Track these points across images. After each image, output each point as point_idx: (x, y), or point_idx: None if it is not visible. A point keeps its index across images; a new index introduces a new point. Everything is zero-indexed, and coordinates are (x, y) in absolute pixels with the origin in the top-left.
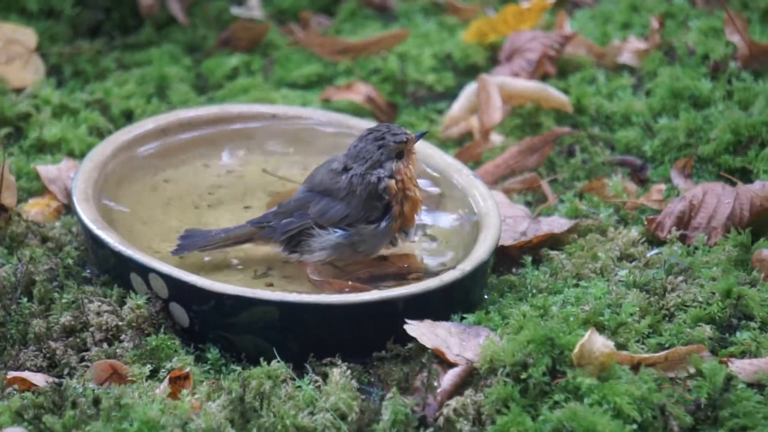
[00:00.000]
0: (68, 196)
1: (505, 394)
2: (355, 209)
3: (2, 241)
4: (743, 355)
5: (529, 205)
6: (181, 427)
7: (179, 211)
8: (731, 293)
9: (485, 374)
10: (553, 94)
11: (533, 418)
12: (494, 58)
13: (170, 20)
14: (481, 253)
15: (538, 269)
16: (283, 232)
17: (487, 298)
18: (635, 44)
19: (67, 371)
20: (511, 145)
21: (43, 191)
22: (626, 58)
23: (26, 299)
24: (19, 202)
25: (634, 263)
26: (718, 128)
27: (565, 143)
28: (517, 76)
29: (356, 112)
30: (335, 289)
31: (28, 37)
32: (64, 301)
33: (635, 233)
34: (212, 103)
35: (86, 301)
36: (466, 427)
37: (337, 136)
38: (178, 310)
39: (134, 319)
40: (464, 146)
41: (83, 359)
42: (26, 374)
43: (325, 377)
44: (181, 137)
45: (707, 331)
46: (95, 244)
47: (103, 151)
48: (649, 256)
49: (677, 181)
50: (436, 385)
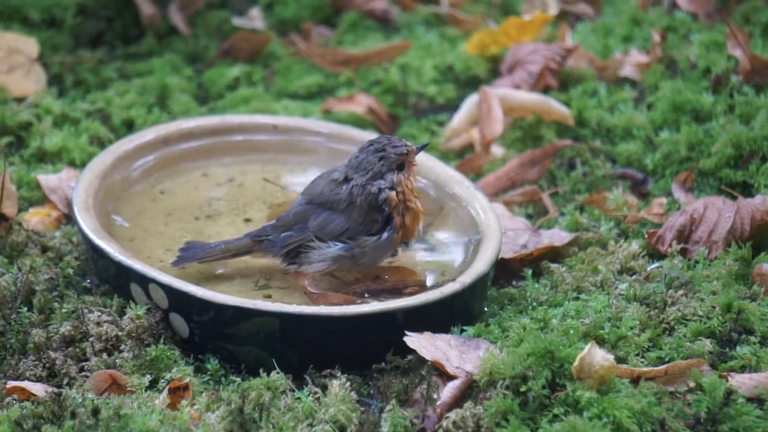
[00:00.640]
0: (69, 205)
1: (504, 406)
2: (355, 222)
3: (2, 250)
4: (743, 369)
5: (529, 217)
6: None
7: (179, 221)
8: (731, 307)
9: (485, 387)
10: (554, 106)
11: (533, 431)
12: (496, 70)
13: (171, 30)
14: (481, 265)
15: (538, 282)
16: (282, 246)
17: (487, 310)
18: (637, 57)
19: (66, 381)
20: (512, 157)
21: (43, 200)
22: (628, 71)
23: (26, 309)
24: (19, 211)
25: (634, 277)
26: (719, 142)
27: (566, 156)
28: (518, 88)
29: (357, 123)
30: (331, 302)
31: (29, 46)
32: (64, 310)
33: (636, 247)
34: (213, 113)
35: (86, 311)
36: None
37: (337, 147)
38: (178, 320)
39: (134, 329)
40: (465, 158)
41: (83, 369)
42: (26, 384)
43: (324, 389)
44: (181, 147)
45: (707, 345)
46: (95, 253)
47: (103, 160)
48: (649, 269)
49: (678, 194)
50: (435, 397)
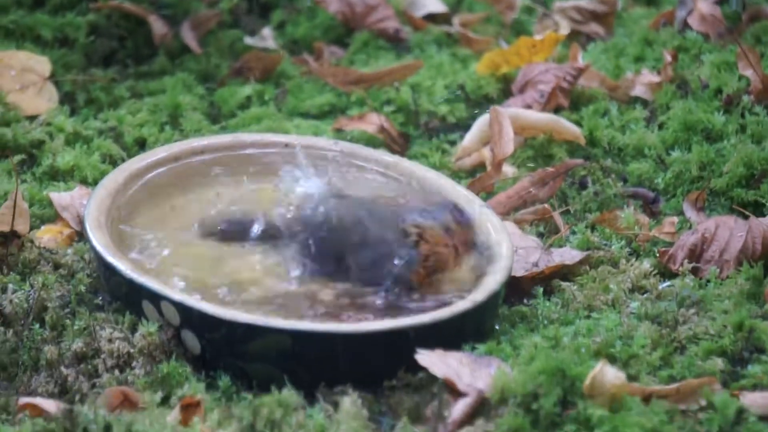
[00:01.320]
0: (81, 223)
1: (515, 424)
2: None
3: (15, 267)
4: (755, 388)
5: (540, 236)
6: None
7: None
8: (743, 326)
9: (496, 404)
10: (565, 125)
11: None
12: (507, 89)
13: (184, 49)
14: (492, 283)
15: (549, 300)
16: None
17: (498, 328)
18: (648, 77)
19: (78, 397)
20: (523, 176)
21: (55, 218)
22: (639, 91)
23: (38, 325)
24: (31, 228)
25: (645, 295)
26: (730, 162)
27: (577, 175)
28: (529, 107)
29: (369, 142)
30: (345, 319)
31: (41, 65)
32: (75, 327)
33: (647, 265)
34: (225, 131)
35: (98, 327)
36: None
37: (348, 166)
38: (189, 337)
39: (146, 346)
40: (476, 177)
41: (95, 386)
42: (38, 400)
43: (336, 406)
44: (193, 165)
45: (719, 363)
46: (107, 271)
47: (115, 178)
48: (661, 288)
49: (689, 213)
50: (446, 414)
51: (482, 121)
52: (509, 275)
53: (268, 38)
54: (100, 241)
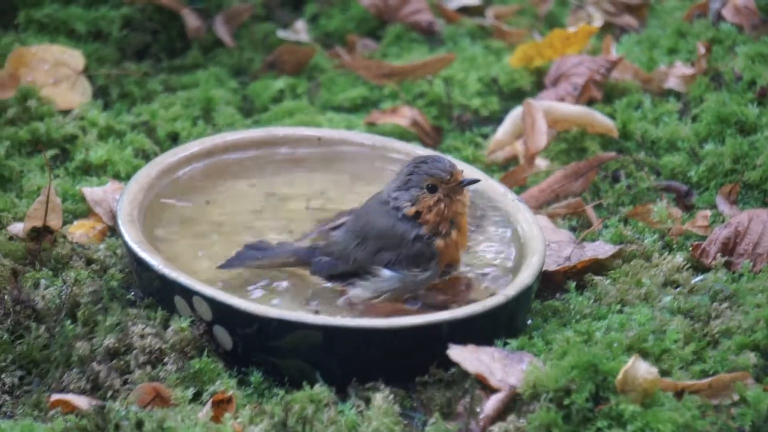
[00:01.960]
0: (113, 218)
1: (548, 419)
2: (405, 257)
3: (47, 262)
4: None
5: (573, 230)
6: None
7: (225, 234)
8: None
9: (528, 400)
10: (598, 118)
11: None
12: (540, 82)
13: (217, 43)
14: (525, 278)
15: (582, 295)
16: (328, 274)
17: (530, 323)
18: (681, 70)
19: (110, 394)
20: (556, 169)
21: (88, 213)
22: (672, 83)
23: (70, 321)
24: (64, 223)
25: (678, 289)
26: (764, 154)
27: (610, 168)
28: (562, 100)
29: (402, 136)
30: (377, 312)
31: (75, 59)
32: (108, 323)
33: (680, 259)
34: (258, 125)
35: (130, 323)
36: None
37: (382, 160)
38: (221, 333)
39: (178, 342)
40: (509, 171)
41: (126, 382)
42: (70, 397)
43: (367, 402)
44: (226, 159)
45: (752, 358)
46: (140, 266)
47: (148, 173)
48: (693, 282)
49: (723, 207)
50: (478, 410)
51: (515, 114)
52: (542, 270)
53: (301, 31)
54: (132, 236)
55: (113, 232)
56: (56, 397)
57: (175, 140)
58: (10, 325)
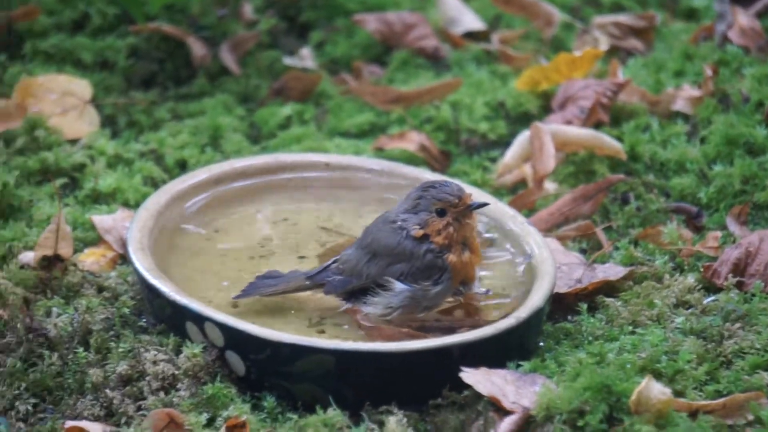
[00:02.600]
0: (124, 245)
1: None
2: (417, 269)
3: (59, 291)
4: None
5: (583, 252)
6: None
7: (234, 260)
8: None
9: (542, 422)
10: (606, 141)
11: None
12: (547, 106)
13: (223, 71)
14: (536, 300)
15: (593, 316)
16: (342, 291)
17: (542, 345)
18: (689, 92)
19: (124, 420)
20: (564, 192)
21: (98, 241)
22: (680, 105)
23: (83, 349)
24: (74, 252)
25: (690, 310)
26: None
27: (619, 190)
28: (570, 123)
29: (409, 160)
30: (387, 336)
31: (82, 88)
32: (120, 350)
33: (691, 280)
34: (265, 152)
35: (142, 350)
36: None
37: (390, 184)
38: (234, 358)
39: (190, 367)
40: (518, 194)
41: (140, 408)
42: (84, 423)
43: (381, 425)
44: (234, 186)
45: (765, 377)
46: (151, 293)
47: (157, 200)
48: (705, 303)
49: (733, 228)
50: None
51: (523, 137)
52: (553, 292)
53: (306, 58)
54: (143, 263)
55: (124, 259)
56: (70, 424)
57: (183, 168)
58: (23, 353)
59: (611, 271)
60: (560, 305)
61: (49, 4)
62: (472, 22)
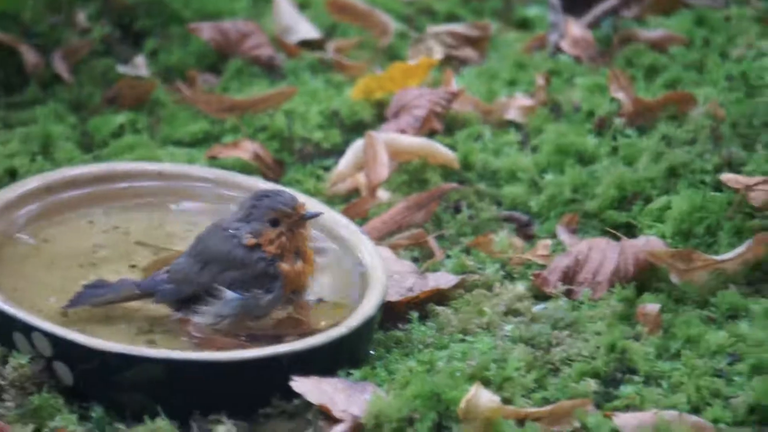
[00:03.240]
0: None
1: None
2: (249, 277)
3: None
4: (627, 408)
5: (416, 260)
6: None
7: (63, 269)
8: (615, 347)
9: (371, 430)
10: (439, 150)
11: None
12: (381, 115)
13: (55, 78)
14: (367, 309)
15: (424, 325)
16: (173, 299)
17: (373, 353)
18: (521, 101)
19: None
20: (398, 201)
21: None
22: (512, 114)
23: None
24: None
25: (519, 318)
26: (603, 184)
27: (451, 199)
28: (404, 132)
29: (243, 169)
30: (218, 346)
31: None
32: None
33: (521, 288)
34: (98, 161)
35: None
36: None
37: (222, 193)
38: (62, 368)
39: (17, 378)
40: (351, 203)
41: None
42: None
43: None
44: (66, 195)
45: (592, 385)
46: None
47: None
48: (534, 311)
49: (563, 236)
50: None
51: (357, 146)
52: (384, 300)
53: (141, 66)
54: None
55: None
56: None
57: (13, 176)
58: None
59: (442, 279)
60: (391, 313)
61: None
62: (307, 30)
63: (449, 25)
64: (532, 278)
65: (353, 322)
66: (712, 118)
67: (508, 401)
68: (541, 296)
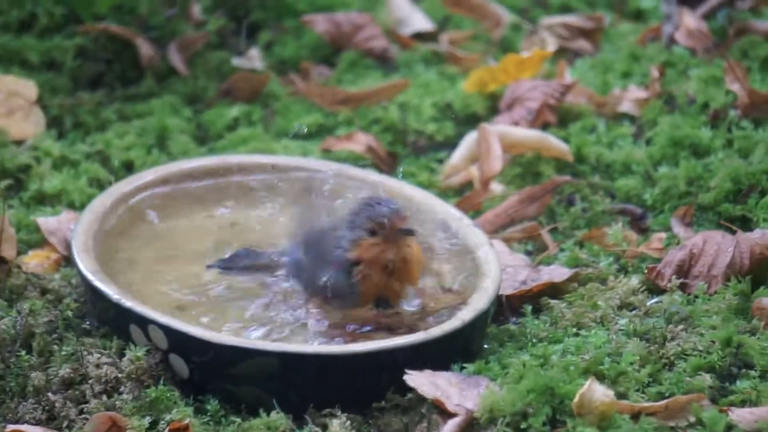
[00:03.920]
0: (68, 247)
1: None
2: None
3: (2, 293)
4: (743, 403)
5: (529, 254)
6: None
7: (180, 263)
8: (731, 342)
9: (485, 424)
10: (553, 143)
11: None
12: (494, 107)
13: (171, 71)
14: (480, 302)
15: (538, 318)
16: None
17: (486, 347)
18: (635, 93)
19: (66, 424)
20: (511, 194)
21: (42, 243)
22: (626, 106)
23: (25, 352)
24: (18, 254)
25: (634, 312)
26: (718, 177)
27: (565, 192)
28: (517, 125)
29: (357, 161)
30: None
31: (28, 89)
32: (63, 353)
33: (635, 282)
34: (213, 153)
35: (85, 353)
36: None
37: (337, 186)
38: (177, 361)
39: (134, 370)
40: (464, 195)
41: (82, 411)
42: (25, 427)
43: (324, 428)
44: (181, 188)
45: (707, 379)
46: (94, 295)
47: (103, 202)
48: (649, 304)
49: (677, 229)
50: None
51: (470, 139)
52: (497, 294)
53: (255, 59)
54: (87, 265)
55: (68, 261)
56: (12, 428)
57: (129, 169)
58: None
59: (556, 272)
60: (505, 307)
61: None
62: (421, 22)
63: (563, 16)
64: (646, 272)
65: (467, 315)
66: None
67: (622, 396)
68: (655, 290)
